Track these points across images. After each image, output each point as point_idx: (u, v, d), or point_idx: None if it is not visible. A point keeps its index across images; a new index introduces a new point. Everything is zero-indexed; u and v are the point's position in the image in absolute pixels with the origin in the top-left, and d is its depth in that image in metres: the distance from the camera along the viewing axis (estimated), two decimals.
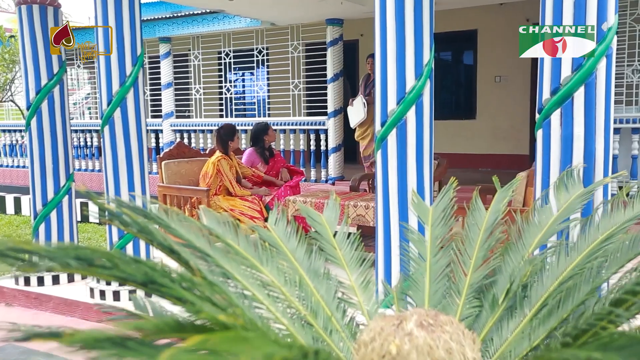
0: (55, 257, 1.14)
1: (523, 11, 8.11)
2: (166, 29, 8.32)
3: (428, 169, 3.03)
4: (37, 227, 4.50)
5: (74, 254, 1.14)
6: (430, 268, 1.80)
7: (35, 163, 4.47)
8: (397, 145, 2.97)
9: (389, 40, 2.93)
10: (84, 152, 9.21)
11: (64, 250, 1.14)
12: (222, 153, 5.19)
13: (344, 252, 1.86)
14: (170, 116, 8.56)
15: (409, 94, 2.95)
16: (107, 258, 1.15)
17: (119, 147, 4.03)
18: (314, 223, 1.93)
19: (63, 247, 1.13)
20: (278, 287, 1.62)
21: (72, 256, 1.14)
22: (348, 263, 1.84)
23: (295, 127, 7.61)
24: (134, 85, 4.04)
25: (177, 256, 1.34)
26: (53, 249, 1.13)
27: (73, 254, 1.14)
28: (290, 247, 1.75)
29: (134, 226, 1.37)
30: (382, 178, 3.05)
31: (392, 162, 3.00)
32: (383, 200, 3.05)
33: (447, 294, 1.72)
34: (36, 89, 4.42)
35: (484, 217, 1.87)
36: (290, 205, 4.92)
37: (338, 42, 7.29)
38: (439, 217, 1.91)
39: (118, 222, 1.36)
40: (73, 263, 1.12)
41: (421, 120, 2.98)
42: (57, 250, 1.14)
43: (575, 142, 2.44)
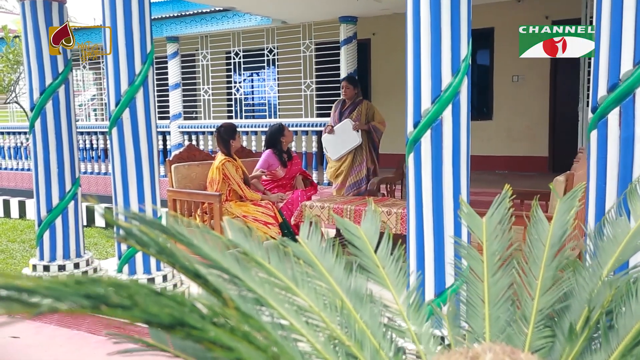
0: (61, 296, 0.90)
1: (542, 8, 7.86)
2: (174, 28, 8.11)
3: (465, 174, 2.79)
4: (42, 234, 4.27)
5: (84, 291, 0.90)
6: (489, 289, 1.56)
7: (40, 167, 4.25)
8: (431, 147, 2.73)
9: (423, 33, 2.69)
10: (90, 155, 9.00)
11: (71, 287, 0.90)
12: (225, 154, 4.96)
13: (388, 270, 1.63)
14: (178, 118, 8.34)
15: (445, 92, 2.70)
16: (125, 294, 0.91)
17: (127, 150, 3.81)
18: (352, 237, 1.69)
19: (70, 283, 0.89)
20: (317, 314, 1.38)
21: (82, 294, 0.90)
22: (394, 283, 1.61)
23: (307, 128, 7.37)
24: (144, 85, 3.81)
25: (203, 281, 1.10)
26: (57, 286, 0.89)
27: (83, 291, 0.90)
28: (326, 264, 1.51)
29: (153, 246, 1.14)
30: (414, 184, 2.81)
31: (426, 166, 2.75)
32: (416, 208, 2.81)
33: (511, 321, 1.48)
34: (40, 88, 4.20)
35: (548, 230, 1.63)
36: (307, 210, 4.68)
37: (352, 40, 7.06)
38: (495, 230, 1.66)
39: (134, 241, 1.13)
40: (83, 302, 0.89)
41: (458, 121, 2.74)
42: (63, 287, 0.90)
43: (637, 144, 2.20)
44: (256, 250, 1.40)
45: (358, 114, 5.74)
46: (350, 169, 5.78)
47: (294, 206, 5.18)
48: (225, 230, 1.36)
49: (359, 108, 5.77)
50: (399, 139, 9.01)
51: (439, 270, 2.76)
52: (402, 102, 9.51)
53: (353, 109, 5.77)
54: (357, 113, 5.74)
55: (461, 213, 1.77)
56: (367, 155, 5.85)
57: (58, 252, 4.29)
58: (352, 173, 5.80)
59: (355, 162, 5.78)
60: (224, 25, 7.71)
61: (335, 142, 5.77)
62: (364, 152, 5.80)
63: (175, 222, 1.21)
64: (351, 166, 5.78)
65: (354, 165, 5.78)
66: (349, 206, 4.49)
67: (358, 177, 5.82)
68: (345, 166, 5.77)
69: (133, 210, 1.32)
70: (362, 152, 5.77)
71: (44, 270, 4.23)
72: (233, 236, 1.41)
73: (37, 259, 4.32)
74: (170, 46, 8.25)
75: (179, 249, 1.15)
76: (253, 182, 5.18)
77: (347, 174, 5.79)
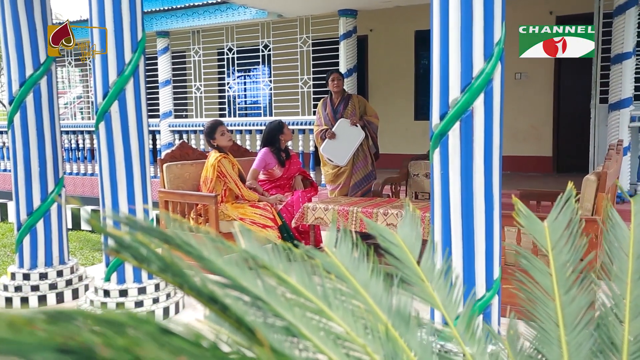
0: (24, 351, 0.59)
1: (546, 3, 7.61)
2: (164, 22, 7.75)
3: (498, 172, 2.49)
4: (21, 239, 3.91)
5: (56, 343, 0.58)
6: (563, 309, 1.25)
7: (19, 166, 3.89)
8: (460, 141, 2.43)
9: (452, 13, 2.39)
10: (75, 155, 8.59)
11: (38, 335, 0.59)
12: (219, 151, 4.64)
13: (436, 285, 1.32)
14: (169, 116, 7.99)
15: (476, 79, 2.40)
16: (119, 341, 0.61)
17: (116, 147, 3.46)
18: (389, 245, 1.37)
19: (44, 337, 0.57)
20: (359, 344, 1.07)
21: (53, 347, 0.59)
22: (444, 302, 1.31)
23: (304, 127, 7.05)
24: (134, 75, 3.47)
25: (220, 307, 0.80)
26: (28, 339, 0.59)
27: (54, 343, 0.59)
28: (361, 279, 1.20)
29: (155, 262, 0.82)
30: (440, 182, 2.50)
31: (454, 162, 2.45)
32: (442, 209, 2.50)
33: (598, 351, 1.18)
34: (20, 80, 3.84)
35: (628, 237, 1.33)
36: (309, 213, 4.36)
37: (351, 34, 6.75)
38: (562, 237, 1.35)
39: (129, 255, 0.81)
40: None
41: (490, 112, 2.44)
42: (27, 337, 0.59)
43: None
44: (276, 264, 1.08)
45: (353, 109, 5.40)
46: (352, 166, 5.43)
47: (295, 208, 4.86)
48: (236, 237, 1.04)
49: (352, 102, 5.43)
50: (399, 139, 8.75)
51: (468, 281, 2.46)
52: (402, 101, 9.24)
53: (346, 104, 5.42)
54: (351, 107, 5.40)
55: (517, 216, 1.44)
56: (368, 150, 5.52)
57: (40, 259, 3.93)
58: (356, 170, 5.45)
59: (359, 158, 5.43)
60: (217, 19, 7.37)
61: (338, 145, 5.28)
62: (364, 146, 5.47)
63: (178, 228, 0.90)
64: (353, 164, 5.42)
65: (356, 162, 5.43)
66: (355, 208, 4.17)
67: (364, 173, 5.47)
68: (348, 164, 5.43)
69: (124, 213, 0.94)
70: (363, 145, 5.44)
71: (23, 278, 3.86)
72: (248, 246, 1.09)
73: (16, 266, 3.96)
74: (160, 41, 7.89)
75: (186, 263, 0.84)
76: (249, 184, 4.85)
77: (350, 173, 5.44)
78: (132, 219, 0.92)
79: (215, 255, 0.98)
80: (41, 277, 3.88)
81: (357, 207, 4.19)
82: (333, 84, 5.37)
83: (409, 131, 9.04)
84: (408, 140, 8.95)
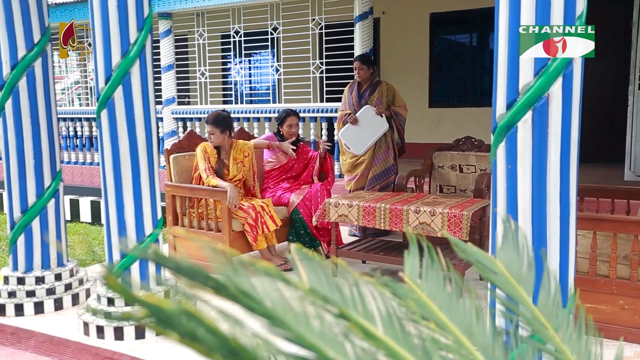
0: None
1: None
2: (166, 3, 7.31)
3: (575, 170, 2.11)
4: (15, 239, 3.52)
5: None
6: None
7: (12, 158, 3.50)
8: (532, 133, 2.05)
9: None
10: (74, 143, 8.16)
11: None
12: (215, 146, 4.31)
13: (564, 336, 0.97)
14: (172, 102, 7.57)
15: (553, 60, 2.02)
16: None
17: (120, 137, 3.07)
18: (489, 274, 1.01)
19: None
20: None
21: None
22: (574, 351, 0.98)
23: (316, 114, 6.65)
24: (141, 57, 3.07)
25: None
26: None
27: None
28: (461, 324, 0.84)
29: (216, 347, 0.49)
30: (506, 178, 2.13)
31: (524, 158, 2.07)
32: (508, 209, 2.13)
33: None
34: (12, 62, 3.43)
35: None
36: (331, 210, 3.98)
37: (368, 16, 6.33)
38: None
39: (177, 334, 0.44)
40: None
41: (569, 99, 2.05)
42: None
43: None
44: (353, 308, 0.72)
45: (379, 96, 4.99)
46: (372, 157, 5.02)
47: (313, 203, 4.47)
48: (295, 267, 0.68)
49: (379, 89, 5.03)
50: (412, 127, 8.33)
51: None
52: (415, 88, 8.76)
53: (373, 90, 5.02)
54: (378, 95, 5.00)
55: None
56: (391, 142, 5.13)
57: (35, 261, 3.55)
58: (376, 162, 5.05)
59: (380, 150, 5.03)
60: (223, 0, 6.92)
61: (359, 133, 4.92)
62: (388, 138, 5.07)
63: (232, 268, 0.60)
64: (373, 155, 5.02)
65: (377, 153, 5.03)
66: (382, 204, 3.79)
67: (384, 167, 5.07)
68: (367, 154, 5.03)
69: (156, 250, 0.49)
70: (387, 137, 5.04)
71: (18, 283, 3.49)
72: (315, 282, 0.72)
73: (9, 269, 3.58)
74: (162, 23, 7.45)
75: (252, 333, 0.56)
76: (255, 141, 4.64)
77: (368, 164, 5.04)
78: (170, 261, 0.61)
79: (291, 314, 0.64)
80: (37, 282, 3.50)
81: (384, 203, 3.81)
82: (355, 72, 5.01)
83: (422, 120, 8.64)
84: (421, 128, 8.55)
